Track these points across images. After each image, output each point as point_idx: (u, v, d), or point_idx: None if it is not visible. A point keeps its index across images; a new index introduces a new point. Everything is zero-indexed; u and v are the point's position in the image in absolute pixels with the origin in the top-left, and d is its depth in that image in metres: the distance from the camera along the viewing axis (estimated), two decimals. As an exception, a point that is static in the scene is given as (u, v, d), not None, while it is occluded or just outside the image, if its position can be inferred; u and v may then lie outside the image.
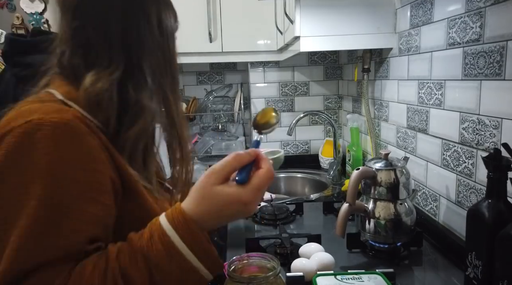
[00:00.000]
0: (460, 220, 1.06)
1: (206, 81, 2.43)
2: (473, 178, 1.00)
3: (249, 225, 1.37)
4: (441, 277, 1.00)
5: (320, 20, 1.42)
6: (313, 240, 1.09)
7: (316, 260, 0.96)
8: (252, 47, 2.02)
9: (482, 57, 0.94)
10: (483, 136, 0.95)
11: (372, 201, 1.08)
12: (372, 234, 1.07)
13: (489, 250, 0.77)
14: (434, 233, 1.15)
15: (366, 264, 1.05)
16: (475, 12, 0.96)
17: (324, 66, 2.22)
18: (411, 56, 1.31)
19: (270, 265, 0.74)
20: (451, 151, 1.09)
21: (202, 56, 2.00)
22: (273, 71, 2.22)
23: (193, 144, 2.22)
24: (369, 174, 1.07)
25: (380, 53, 1.57)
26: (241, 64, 2.40)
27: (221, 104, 2.40)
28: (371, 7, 1.43)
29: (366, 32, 1.44)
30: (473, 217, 0.83)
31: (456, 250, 1.03)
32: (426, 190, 1.24)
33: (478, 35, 0.95)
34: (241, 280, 0.72)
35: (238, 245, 1.16)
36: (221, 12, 1.96)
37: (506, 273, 0.72)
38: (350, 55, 2.06)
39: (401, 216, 1.05)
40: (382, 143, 1.59)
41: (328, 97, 2.25)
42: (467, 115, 1.02)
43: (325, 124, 2.26)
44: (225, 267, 0.76)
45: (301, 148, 2.29)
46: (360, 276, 0.88)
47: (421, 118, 1.25)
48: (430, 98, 1.19)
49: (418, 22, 1.25)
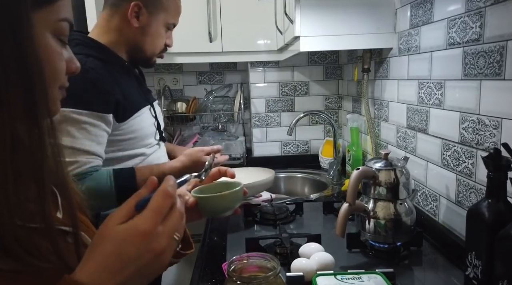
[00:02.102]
0: (460, 220, 1.06)
1: (206, 81, 2.43)
2: (473, 178, 1.00)
3: (249, 225, 1.37)
4: (441, 277, 1.00)
5: (320, 20, 1.42)
6: (313, 240, 1.09)
7: (316, 260, 0.96)
8: (252, 47, 2.02)
9: (482, 57, 0.94)
10: (483, 136, 0.95)
11: (372, 201, 1.08)
12: (372, 234, 1.07)
13: (489, 250, 0.77)
14: (434, 233, 1.15)
15: (366, 264, 1.05)
16: (475, 12, 0.96)
17: (324, 66, 2.22)
18: (411, 56, 1.31)
19: (270, 265, 0.74)
20: (451, 151, 1.09)
21: (202, 56, 2.01)
22: (273, 71, 2.22)
23: (193, 144, 2.22)
24: (369, 174, 1.07)
25: (380, 53, 1.57)
26: (241, 64, 2.40)
27: (221, 104, 2.40)
28: (371, 7, 1.43)
29: (366, 32, 1.44)
30: (473, 217, 0.83)
31: (456, 250, 1.03)
32: (426, 190, 1.24)
33: (478, 35, 0.95)
34: (241, 280, 0.72)
35: (238, 245, 1.16)
36: (221, 12, 1.96)
37: (506, 273, 0.72)
38: (350, 55, 2.06)
39: (401, 216, 1.06)
40: (382, 143, 1.59)
41: (328, 97, 2.25)
42: (467, 115, 1.02)
43: (325, 124, 2.26)
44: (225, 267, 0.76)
45: (301, 148, 2.29)
46: (360, 276, 0.88)
47: (421, 118, 1.25)
48: (430, 98, 1.19)
49: (418, 22, 1.25)
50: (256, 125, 2.26)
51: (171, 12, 1.28)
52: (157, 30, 1.26)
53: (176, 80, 2.41)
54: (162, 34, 1.28)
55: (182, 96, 2.42)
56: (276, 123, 2.27)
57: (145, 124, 1.27)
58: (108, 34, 1.23)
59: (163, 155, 1.38)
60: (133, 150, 1.25)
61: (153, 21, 1.24)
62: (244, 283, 0.71)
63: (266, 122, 2.26)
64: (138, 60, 1.31)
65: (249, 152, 2.32)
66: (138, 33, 1.23)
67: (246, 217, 1.42)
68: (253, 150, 2.30)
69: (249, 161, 2.24)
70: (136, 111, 1.24)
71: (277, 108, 2.25)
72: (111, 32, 1.23)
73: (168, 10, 1.26)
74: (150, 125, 1.30)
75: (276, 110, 2.25)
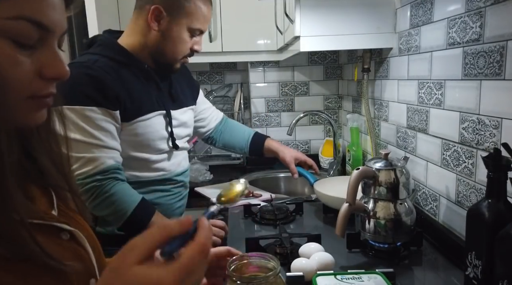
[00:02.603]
0: (460, 220, 1.06)
1: (206, 81, 2.43)
2: (473, 178, 1.00)
3: (249, 225, 1.37)
4: (441, 277, 1.00)
5: (320, 20, 1.42)
6: (313, 240, 1.09)
7: (316, 260, 0.96)
8: (252, 47, 2.02)
9: (482, 57, 0.94)
10: (483, 136, 0.95)
11: (372, 201, 1.08)
12: (372, 234, 1.07)
13: (489, 250, 0.77)
14: (434, 233, 1.15)
15: (366, 264, 1.05)
16: (475, 12, 0.96)
17: (324, 66, 2.22)
18: (411, 56, 1.31)
19: (270, 265, 0.74)
20: (451, 151, 1.09)
21: (202, 55, 1.99)
22: (273, 71, 2.22)
23: (193, 144, 2.22)
24: (369, 174, 1.07)
25: (380, 53, 1.57)
26: (241, 64, 2.40)
27: (221, 104, 2.40)
28: (371, 7, 1.43)
29: (366, 32, 1.44)
30: (473, 217, 0.83)
31: (456, 250, 1.03)
32: (426, 190, 1.24)
33: (478, 35, 0.95)
34: (241, 280, 0.72)
35: (238, 245, 1.16)
36: (221, 12, 1.96)
37: (506, 273, 0.72)
38: (350, 55, 2.06)
39: (401, 216, 1.05)
40: (382, 143, 1.59)
41: (328, 97, 2.25)
42: (467, 115, 1.02)
43: (325, 124, 2.26)
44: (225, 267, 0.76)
45: (301, 148, 2.29)
46: (360, 276, 0.88)
47: (421, 118, 1.25)
48: (430, 98, 1.19)
49: (418, 22, 1.25)
50: (256, 125, 2.26)
51: (195, 17, 1.23)
52: (178, 35, 1.23)
53: (176, 80, 2.41)
54: (184, 39, 1.24)
55: (182, 96, 2.42)
56: (276, 123, 2.27)
57: (152, 129, 1.25)
58: (133, 36, 1.24)
59: (176, 163, 1.36)
60: (135, 153, 1.25)
61: (174, 25, 1.21)
62: (244, 283, 0.71)
63: (266, 122, 2.26)
64: (161, 64, 1.29)
65: (249, 152, 2.32)
66: (160, 37, 1.22)
67: (246, 217, 1.42)
68: (253, 150, 2.29)
69: (249, 161, 2.24)
70: (142, 114, 1.22)
71: (277, 108, 2.25)
72: (136, 35, 1.24)
73: (191, 15, 1.22)
74: (158, 131, 1.27)
75: (276, 110, 2.25)
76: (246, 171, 2.14)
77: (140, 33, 1.24)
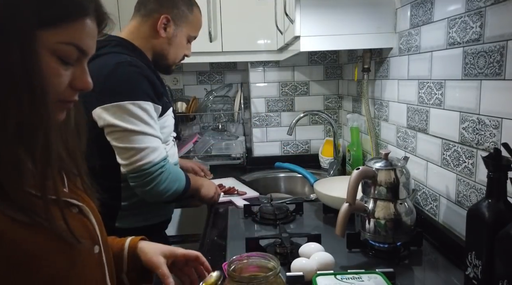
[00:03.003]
0: (460, 220, 1.06)
1: (206, 81, 2.43)
2: (473, 178, 1.00)
3: (249, 225, 1.37)
4: (441, 277, 1.00)
5: (320, 20, 1.42)
6: (313, 240, 1.09)
7: (316, 260, 0.96)
8: (252, 46, 2.02)
9: (482, 57, 0.94)
10: (483, 136, 0.95)
11: (372, 201, 1.08)
12: (372, 234, 1.07)
13: (489, 250, 0.77)
14: (434, 233, 1.15)
15: (366, 264, 1.05)
16: (475, 12, 0.96)
17: (324, 66, 2.22)
18: (411, 56, 1.31)
19: (270, 265, 0.75)
20: (451, 151, 1.09)
21: (202, 55, 2.00)
22: (273, 70, 2.22)
23: (193, 144, 2.22)
24: (369, 174, 1.07)
25: (380, 52, 1.57)
26: (241, 64, 2.40)
27: (221, 104, 2.40)
28: (371, 7, 1.43)
29: (366, 32, 1.44)
30: (473, 217, 0.83)
31: (456, 250, 1.03)
32: (426, 190, 1.24)
33: (478, 35, 0.95)
34: (241, 280, 0.72)
35: (238, 245, 1.16)
36: (221, 12, 1.96)
37: (506, 273, 0.72)
38: (350, 55, 2.06)
39: (401, 216, 1.05)
40: (382, 143, 1.59)
41: (328, 97, 2.25)
42: (467, 115, 1.02)
43: (325, 124, 2.26)
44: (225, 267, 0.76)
45: (301, 147, 2.29)
46: (360, 275, 0.88)
47: (421, 117, 1.25)
48: (430, 98, 1.19)
49: (418, 21, 1.25)
50: (256, 125, 2.27)
51: (194, 26, 1.41)
52: (180, 41, 1.38)
53: (176, 80, 2.42)
54: (184, 45, 1.41)
55: (182, 95, 2.42)
56: (276, 123, 2.27)
57: (169, 123, 1.37)
58: (137, 40, 1.34)
59: (176, 152, 1.48)
60: None
61: (178, 33, 1.37)
62: (244, 283, 0.71)
63: (266, 122, 2.26)
64: (159, 66, 1.41)
65: (249, 152, 2.32)
66: (165, 42, 1.36)
67: (246, 217, 1.42)
68: (253, 150, 2.30)
69: (249, 161, 2.24)
70: (167, 109, 1.34)
71: (277, 108, 2.25)
72: (140, 39, 1.34)
73: (191, 24, 1.39)
74: (172, 124, 1.39)
75: (276, 110, 2.26)
76: (246, 171, 2.14)
77: (144, 38, 1.34)
